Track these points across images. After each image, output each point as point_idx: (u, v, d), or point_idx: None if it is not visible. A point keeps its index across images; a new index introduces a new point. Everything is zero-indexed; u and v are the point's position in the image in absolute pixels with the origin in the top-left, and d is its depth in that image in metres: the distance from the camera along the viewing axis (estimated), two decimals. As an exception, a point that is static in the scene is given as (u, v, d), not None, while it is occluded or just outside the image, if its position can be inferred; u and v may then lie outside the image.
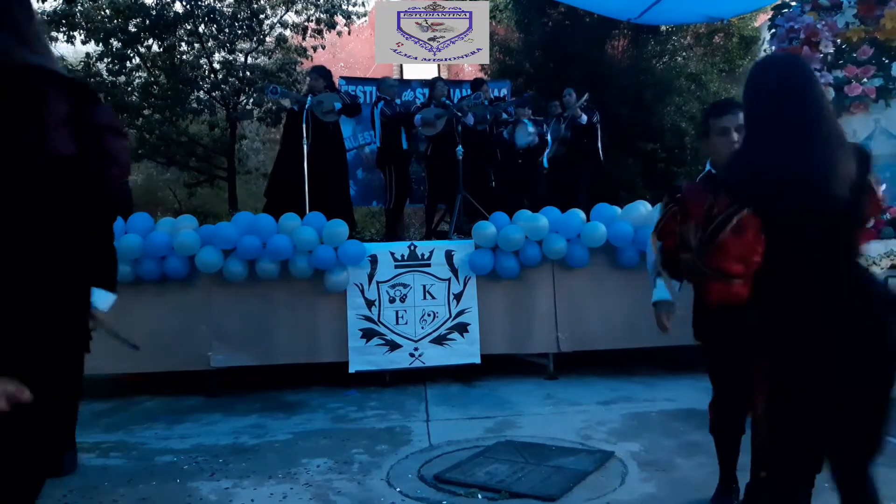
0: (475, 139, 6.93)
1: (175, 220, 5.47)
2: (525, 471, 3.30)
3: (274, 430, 4.23)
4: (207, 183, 11.96)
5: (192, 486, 3.29)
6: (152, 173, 13.73)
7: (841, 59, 5.38)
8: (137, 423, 4.48)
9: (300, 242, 5.06)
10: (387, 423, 4.30)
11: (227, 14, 10.53)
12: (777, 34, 5.14)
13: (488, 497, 3.04)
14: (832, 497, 1.90)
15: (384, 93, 7.12)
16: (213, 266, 5.06)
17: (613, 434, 3.92)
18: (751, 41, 11.46)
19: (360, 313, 5.25)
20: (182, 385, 5.22)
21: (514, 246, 5.25)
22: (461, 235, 6.10)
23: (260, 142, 13.80)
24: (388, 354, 5.25)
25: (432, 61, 7.36)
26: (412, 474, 3.36)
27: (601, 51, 10.06)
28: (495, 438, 3.87)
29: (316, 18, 11.04)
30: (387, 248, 5.41)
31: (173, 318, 5.13)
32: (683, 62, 10.78)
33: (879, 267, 4.55)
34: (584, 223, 5.34)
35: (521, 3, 10.57)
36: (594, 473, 3.27)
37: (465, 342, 5.31)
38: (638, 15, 6.99)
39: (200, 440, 4.08)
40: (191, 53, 10.86)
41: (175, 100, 10.29)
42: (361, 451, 3.74)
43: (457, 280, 5.36)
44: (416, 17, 6.73)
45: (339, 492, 3.17)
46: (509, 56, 10.73)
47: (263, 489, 3.22)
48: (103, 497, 3.16)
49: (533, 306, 5.40)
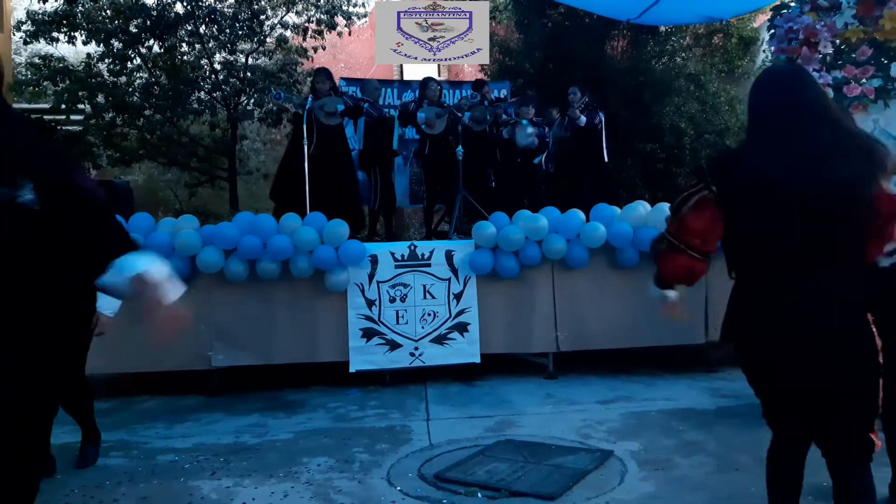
0: (475, 139, 6.94)
1: (176, 221, 5.48)
2: (525, 470, 3.31)
3: (275, 430, 4.24)
4: (208, 183, 11.95)
5: (194, 485, 3.30)
6: (153, 174, 13.73)
7: (840, 60, 5.38)
8: (138, 422, 4.49)
9: (301, 242, 5.08)
10: (387, 423, 4.31)
11: (228, 15, 10.53)
12: (776, 35, 5.13)
13: (488, 496, 3.05)
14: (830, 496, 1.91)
15: (368, 95, 7.15)
16: (214, 266, 5.07)
17: (613, 433, 3.93)
18: (750, 42, 11.46)
19: (360, 313, 5.27)
20: (183, 385, 5.24)
21: (514, 246, 5.26)
22: (461, 235, 6.11)
23: (261, 142, 13.81)
24: (388, 354, 5.26)
25: (432, 61, 7.36)
26: (412, 473, 3.37)
27: (601, 51, 10.06)
28: (495, 437, 3.88)
29: (316, 19, 11.03)
30: (387, 248, 5.42)
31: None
32: (683, 63, 10.78)
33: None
34: (583, 223, 5.36)
35: (521, 4, 10.57)
36: (594, 472, 3.29)
37: (465, 342, 5.32)
38: (637, 15, 6.99)
39: (201, 439, 4.09)
40: (192, 54, 10.86)
41: (176, 100, 10.29)
42: (362, 450, 3.76)
43: (457, 280, 5.37)
44: (416, 17, 6.73)
45: (340, 490, 3.18)
46: (509, 56, 10.73)
47: (264, 488, 3.24)
48: (104, 496, 3.18)
49: (533, 306, 5.41)
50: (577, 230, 5.34)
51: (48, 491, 3.22)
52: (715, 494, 3.00)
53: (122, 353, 4.58)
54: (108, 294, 1.98)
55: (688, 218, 2.00)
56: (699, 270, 2.04)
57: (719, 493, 3.00)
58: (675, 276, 2.09)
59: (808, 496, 2.20)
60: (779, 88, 2.02)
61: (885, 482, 2.69)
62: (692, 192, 2.00)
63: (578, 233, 5.33)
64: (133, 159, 11.06)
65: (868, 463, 1.94)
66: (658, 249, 2.12)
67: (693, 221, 1.99)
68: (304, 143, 6.23)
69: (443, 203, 7.30)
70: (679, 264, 2.05)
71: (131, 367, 5.16)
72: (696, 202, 1.98)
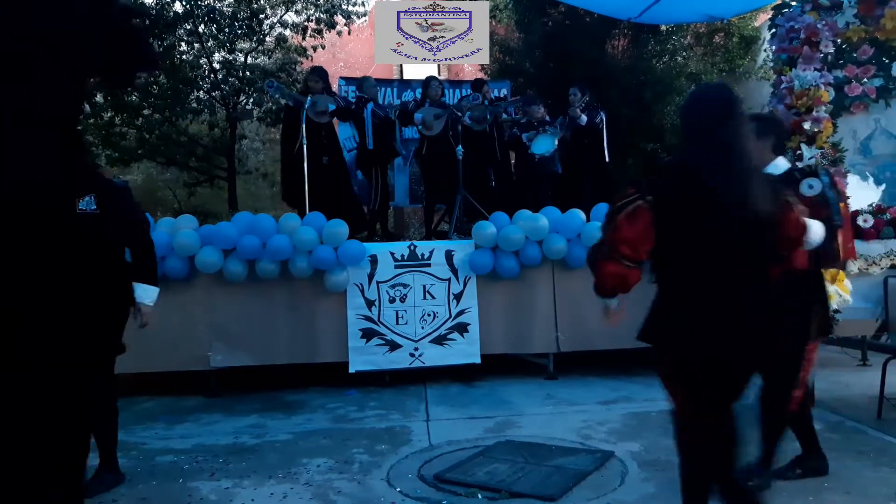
0: (475, 139, 6.92)
1: (175, 220, 5.47)
2: (525, 471, 3.30)
3: (274, 430, 4.23)
4: (207, 183, 11.94)
5: (193, 486, 3.29)
6: (152, 173, 13.72)
7: (841, 59, 5.37)
8: (137, 422, 4.48)
9: (300, 242, 5.06)
10: (387, 423, 4.30)
11: (227, 14, 10.51)
12: (777, 34, 5.12)
13: (488, 497, 3.04)
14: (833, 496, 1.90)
15: (366, 93, 7.12)
16: (213, 266, 5.06)
17: (613, 434, 3.92)
18: (751, 41, 11.44)
19: (360, 313, 5.25)
20: (182, 385, 5.22)
21: (514, 246, 5.25)
22: (461, 235, 6.09)
23: (260, 142, 13.79)
24: (388, 354, 5.24)
25: (432, 61, 7.35)
26: (412, 474, 3.36)
27: (601, 50, 10.04)
28: (495, 438, 3.87)
29: (316, 18, 11.01)
30: (387, 248, 5.41)
31: (173, 318, 5.13)
32: (683, 62, 10.76)
33: (879, 267, 4.55)
34: (584, 223, 5.35)
35: (521, 3, 10.55)
36: (594, 473, 3.27)
37: (465, 342, 5.31)
38: (638, 14, 6.97)
39: (201, 440, 4.08)
40: (191, 53, 10.84)
41: (175, 100, 10.27)
42: (361, 451, 3.74)
43: (457, 280, 5.36)
44: (416, 17, 6.72)
45: (340, 491, 3.17)
46: (509, 56, 10.71)
47: (263, 489, 3.23)
48: (103, 497, 3.16)
49: (533, 306, 5.40)
50: (578, 230, 5.32)
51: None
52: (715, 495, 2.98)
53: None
54: None
55: (621, 226, 2.06)
56: (632, 278, 2.11)
57: (720, 495, 2.99)
58: (610, 283, 2.16)
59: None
60: (718, 105, 2.13)
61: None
62: (627, 200, 2.07)
63: (579, 233, 5.32)
64: (132, 159, 11.05)
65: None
66: (594, 258, 2.18)
67: (626, 230, 2.05)
68: (300, 141, 6.21)
69: (443, 203, 7.28)
70: (611, 272, 2.11)
71: (130, 368, 5.14)
72: (630, 211, 2.05)
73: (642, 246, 2.07)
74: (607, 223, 2.13)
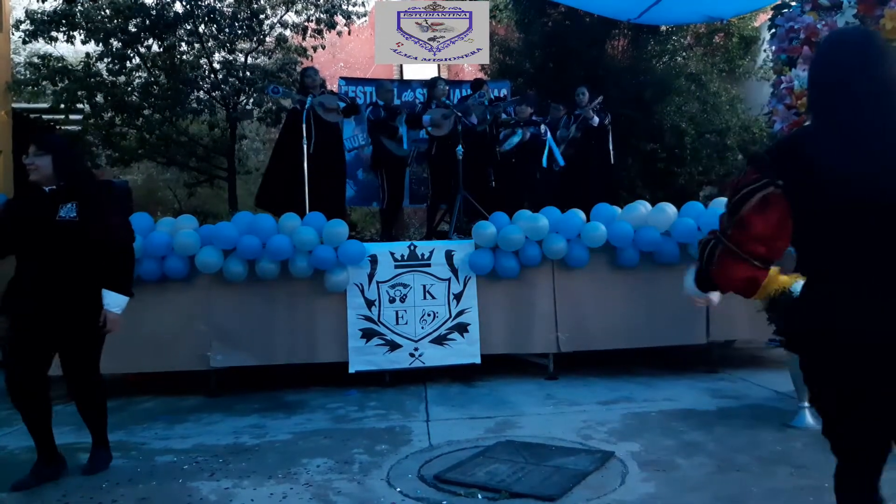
0: (475, 139, 6.92)
1: (175, 220, 5.47)
2: (525, 471, 3.30)
3: (274, 430, 4.23)
4: (207, 183, 11.95)
5: (192, 486, 3.29)
6: (152, 173, 13.74)
7: (841, 59, 5.38)
8: (137, 422, 4.48)
9: (300, 242, 5.06)
10: (387, 423, 4.30)
11: (227, 14, 10.52)
12: (777, 34, 5.12)
13: (488, 497, 3.04)
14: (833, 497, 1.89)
15: (381, 97, 7.18)
16: (213, 266, 5.06)
17: (613, 434, 3.92)
18: (751, 41, 11.45)
19: (360, 313, 5.25)
20: (182, 385, 5.22)
21: (514, 246, 5.25)
22: (461, 235, 6.09)
23: (260, 142, 13.80)
24: (388, 354, 5.24)
25: (432, 61, 7.35)
26: (412, 474, 3.36)
27: (601, 51, 10.04)
28: (495, 438, 3.87)
29: (316, 18, 11.02)
30: (387, 248, 5.41)
31: (173, 318, 5.13)
32: (683, 62, 10.77)
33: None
34: (584, 223, 5.34)
35: (521, 3, 10.55)
36: (594, 473, 3.27)
37: (465, 342, 5.31)
38: (638, 15, 6.97)
39: (200, 440, 4.08)
40: (191, 53, 10.84)
41: (175, 100, 10.28)
42: (361, 451, 3.74)
43: (457, 280, 5.36)
44: (416, 17, 6.72)
45: (339, 492, 3.17)
46: (509, 56, 10.72)
47: (263, 489, 3.22)
48: (103, 497, 3.16)
49: (533, 306, 5.40)
50: (578, 230, 5.32)
51: (47, 491, 3.21)
52: (716, 495, 2.98)
53: (121, 353, 4.55)
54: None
55: (750, 221, 1.63)
56: (761, 279, 1.69)
57: (720, 494, 2.99)
58: (733, 287, 1.73)
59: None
60: (859, 53, 1.61)
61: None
62: (753, 187, 1.62)
63: (579, 232, 5.32)
64: (132, 159, 11.07)
65: None
66: (712, 254, 1.73)
67: (757, 225, 1.62)
68: (303, 142, 6.21)
69: (444, 203, 7.28)
70: (740, 275, 1.68)
71: (130, 368, 5.15)
72: (759, 200, 1.62)
73: (779, 242, 1.64)
74: (729, 217, 1.68)
